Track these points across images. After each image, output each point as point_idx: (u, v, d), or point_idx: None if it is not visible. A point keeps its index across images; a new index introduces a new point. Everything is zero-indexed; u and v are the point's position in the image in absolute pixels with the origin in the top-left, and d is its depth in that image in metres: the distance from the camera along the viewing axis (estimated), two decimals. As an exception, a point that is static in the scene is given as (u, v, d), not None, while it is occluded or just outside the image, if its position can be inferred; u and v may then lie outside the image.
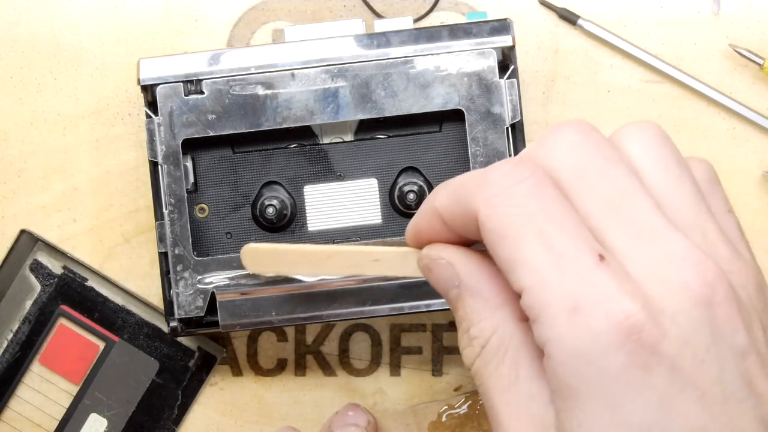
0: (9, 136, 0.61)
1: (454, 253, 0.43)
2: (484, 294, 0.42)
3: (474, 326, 0.42)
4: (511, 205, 0.39)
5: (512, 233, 0.39)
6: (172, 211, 0.55)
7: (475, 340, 0.42)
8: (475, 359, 0.42)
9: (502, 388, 0.41)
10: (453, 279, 0.43)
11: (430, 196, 0.43)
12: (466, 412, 0.58)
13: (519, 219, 0.39)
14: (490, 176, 0.40)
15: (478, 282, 0.42)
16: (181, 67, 0.55)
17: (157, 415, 0.60)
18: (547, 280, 0.38)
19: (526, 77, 0.60)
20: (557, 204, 0.39)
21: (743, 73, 0.60)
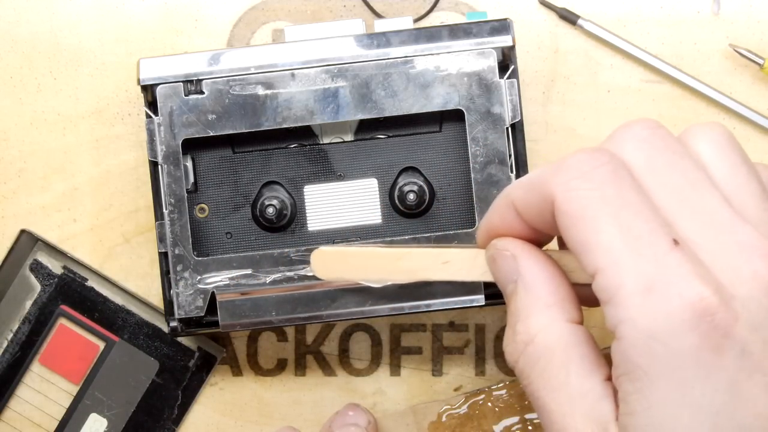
0: (9, 136, 0.61)
1: (519, 246, 0.44)
2: (537, 291, 0.43)
3: (521, 322, 0.43)
4: (588, 188, 0.40)
5: (589, 215, 0.40)
6: (172, 211, 0.55)
7: (519, 336, 0.43)
8: (519, 357, 0.43)
9: (552, 387, 0.41)
10: (513, 272, 0.44)
11: (504, 191, 0.44)
12: (466, 412, 0.58)
13: (596, 202, 0.40)
14: (568, 162, 0.41)
15: (535, 278, 0.43)
16: (181, 67, 0.55)
17: (157, 415, 0.61)
18: (622, 261, 0.39)
19: (526, 77, 0.60)
20: (633, 190, 0.40)
21: (743, 73, 0.60)
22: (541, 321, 0.42)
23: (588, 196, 0.40)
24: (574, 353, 0.42)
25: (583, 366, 0.41)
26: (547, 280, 0.43)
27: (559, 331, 0.42)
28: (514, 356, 0.43)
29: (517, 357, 0.43)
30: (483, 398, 0.58)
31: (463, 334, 0.61)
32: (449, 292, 0.55)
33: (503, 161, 0.54)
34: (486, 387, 0.58)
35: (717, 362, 0.38)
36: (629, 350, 0.39)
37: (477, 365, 0.61)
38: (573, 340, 0.42)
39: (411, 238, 0.55)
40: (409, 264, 0.49)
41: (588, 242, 0.40)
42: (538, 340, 0.42)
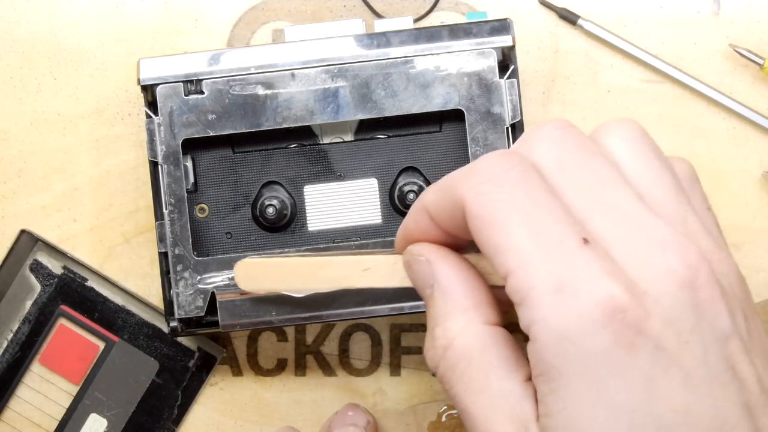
0: (9, 136, 0.61)
1: (433, 251, 0.44)
2: (454, 294, 0.43)
3: (439, 326, 0.42)
4: (498, 191, 0.40)
5: (499, 218, 0.39)
6: (172, 211, 0.55)
7: (438, 341, 0.42)
8: (438, 362, 0.42)
9: (473, 390, 0.41)
10: (429, 277, 0.43)
11: (420, 196, 0.44)
12: (466, 412, 0.58)
13: (506, 205, 0.39)
14: (477, 166, 0.41)
15: (450, 282, 0.43)
16: (181, 67, 0.55)
17: (156, 415, 0.60)
18: (532, 263, 0.38)
19: (526, 77, 0.60)
20: (543, 192, 0.40)
21: (743, 73, 0.60)
22: (459, 324, 0.42)
23: (497, 199, 0.40)
24: (492, 355, 0.41)
25: (501, 367, 0.41)
26: (463, 283, 0.43)
27: (477, 334, 0.42)
28: (434, 361, 0.42)
29: (437, 362, 0.42)
30: (483, 398, 0.58)
31: (463, 334, 0.60)
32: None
33: (503, 161, 0.54)
34: (486, 387, 0.58)
35: (630, 360, 0.37)
36: (543, 351, 0.38)
37: (477, 365, 0.60)
38: (491, 342, 0.42)
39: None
40: (330, 273, 0.48)
41: (499, 245, 0.39)
42: (457, 343, 0.42)
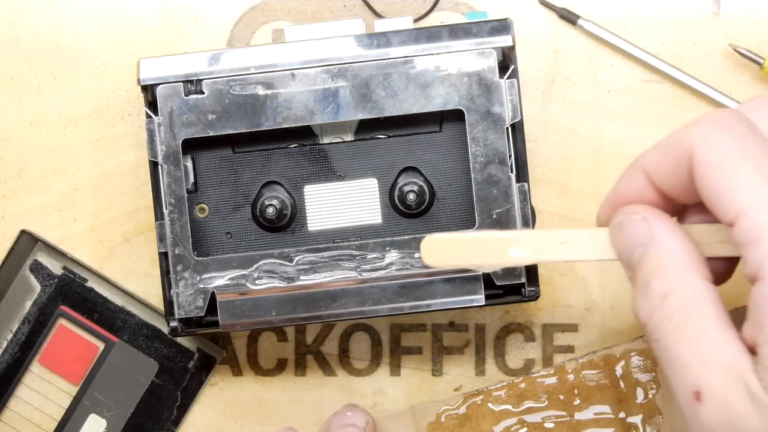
0: (9, 136, 0.61)
1: (650, 210, 0.46)
2: (673, 249, 0.44)
3: (656, 279, 0.44)
4: (729, 138, 0.42)
5: (731, 162, 0.41)
6: (172, 211, 0.55)
7: (654, 292, 0.44)
8: (653, 311, 0.44)
9: (689, 339, 0.43)
10: (645, 235, 0.45)
11: (633, 161, 0.46)
12: (464, 412, 0.58)
13: (737, 150, 0.42)
14: (706, 117, 0.43)
15: (671, 239, 0.45)
16: (181, 67, 0.55)
17: (156, 416, 0.60)
18: (766, 204, 0.40)
19: (526, 77, 0.60)
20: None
21: (743, 73, 0.60)
22: (679, 277, 0.44)
23: (729, 145, 0.42)
24: (710, 308, 0.43)
25: (719, 321, 0.43)
26: (682, 241, 0.44)
27: (697, 287, 0.43)
28: (646, 311, 0.44)
29: (651, 312, 0.44)
30: (482, 399, 0.58)
31: (463, 334, 0.61)
32: (449, 292, 0.55)
33: (503, 161, 0.54)
34: (485, 388, 0.58)
35: None
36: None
37: (477, 365, 0.61)
38: (709, 296, 0.43)
39: (411, 238, 0.55)
40: (525, 247, 0.49)
41: (729, 188, 0.41)
42: (676, 294, 0.43)
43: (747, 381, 0.41)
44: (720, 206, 0.42)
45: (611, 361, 0.58)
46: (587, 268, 0.60)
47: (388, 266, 0.55)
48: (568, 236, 0.48)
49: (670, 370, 0.43)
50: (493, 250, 0.49)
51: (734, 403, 0.41)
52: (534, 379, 0.58)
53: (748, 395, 0.41)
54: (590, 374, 0.58)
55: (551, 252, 0.48)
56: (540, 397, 0.58)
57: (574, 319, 0.60)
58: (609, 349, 0.58)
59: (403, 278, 0.55)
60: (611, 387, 0.58)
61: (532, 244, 0.48)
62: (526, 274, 0.55)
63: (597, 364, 0.58)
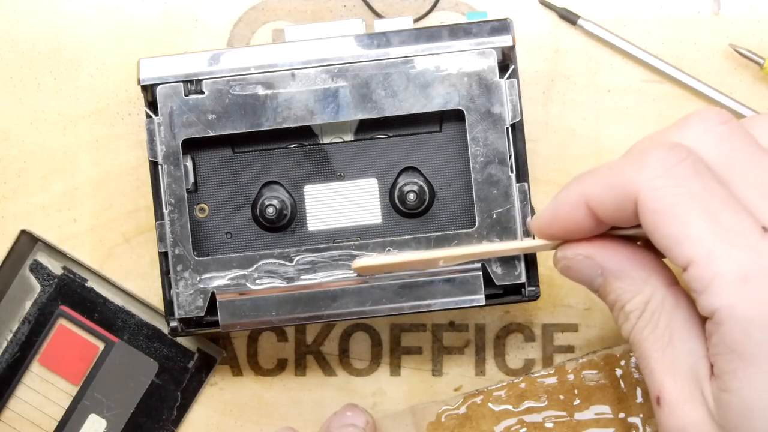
0: (9, 136, 0.61)
1: (590, 247, 0.47)
2: (629, 273, 0.45)
3: (629, 303, 0.45)
4: (674, 185, 0.42)
5: (678, 211, 0.41)
6: (172, 211, 0.55)
7: (632, 313, 0.45)
8: (632, 329, 0.45)
9: (657, 348, 0.44)
10: (595, 269, 0.46)
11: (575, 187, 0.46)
12: (464, 412, 0.58)
13: (683, 198, 0.41)
14: (647, 159, 0.43)
15: (620, 264, 0.46)
16: (181, 67, 0.55)
17: (156, 416, 0.60)
18: (716, 252, 0.41)
19: (526, 77, 0.60)
20: (716, 184, 0.42)
21: (743, 73, 0.60)
22: (646, 295, 0.45)
23: (675, 192, 0.42)
24: (676, 315, 0.44)
25: (684, 328, 0.44)
26: (630, 260, 0.46)
27: (662, 297, 0.45)
28: (628, 330, 0.46)
29: (630, 330, 0.45)
30: (482, 399, 0.58)
31: (463, 334, 0.61)
32: (449, 292, 0.55)
33: (503, 161, 0.54)
34: (485, 388, 0.58)
35: None
36: (726, 335, 0.41)
37: (477, 365, 0.61)
38: (674, 303, 0.44)
39: (411, 238, 0.55)
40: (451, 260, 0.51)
41: (679, 236, 0.41)
42: (647, 309, 0.45)
43: (704, 393, 0.43)
44: (671, 253, 0.42)
45: (611, 361, 0.58)
46: (587, 268, 0.60)
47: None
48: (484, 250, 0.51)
49: (646, 379, 0.45)
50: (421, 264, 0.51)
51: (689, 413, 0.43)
52: (534, 379, 0.58)
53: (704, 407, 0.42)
54: (590, 374, 0.58)
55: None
56: (540, 397, 0.58)
57: (574, 319, 0.60)
58: (609, 349, 0.58)
59: (403, 278, 0.55)
60: (611, 387, 0.58)
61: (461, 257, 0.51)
62: (526, 273, 0.55)
63: (597, 364, 0.58)
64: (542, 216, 0.48)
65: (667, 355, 0.44)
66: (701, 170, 0.42)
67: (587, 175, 0.46)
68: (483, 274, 0.54)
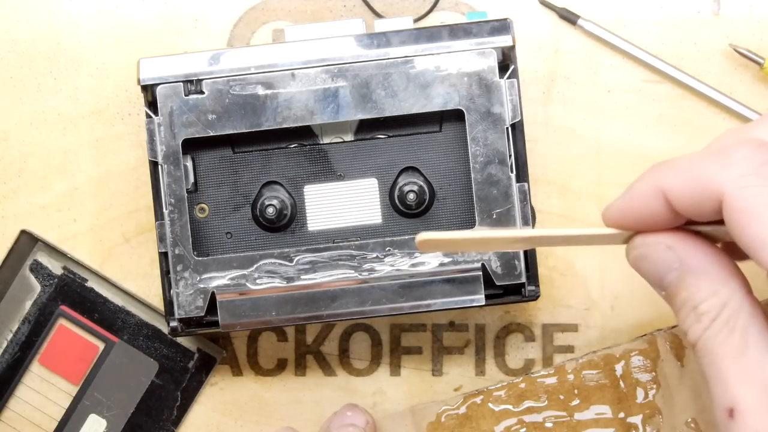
0: (9, 136, 0.61)
1: (671, 237, 0.45)
2: (710, 272, 0.44)
3: (704, 302, 0.44)
4: (763, 184, 0.41)
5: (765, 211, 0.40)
6: (172, 211, 0.55)
7: (706, 315, 0.43)
8: (703, 332, 0.43)
9: (732, 355, 0.42)
10: (672, 262, 0.45)
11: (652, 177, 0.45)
12: (464, 412, 0.58)
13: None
14: (734, 156, 0.42)
15: (702, 261, 0.44)
16: (181, 67, 0.55)
17: (156, 416, 0.60)
18: None
19: (526, 77, 0.60)
20: None
21: (743, 73, 0.60)
22: (724, 297, 0.43)
23: (764, 192, 0.41)
24: (753, 323, 0.43)
25: (762, 337, 0.43)
26: (712, 259, 0.44)
27: (740, 303, 0.43)
28: (698, 333, 0.44)
29: (701, 333, 0.44)
30: (482, 399, 0.58)
31: (463, 334, 0.61)
32: (449, 292, 0.55)
33: (503, 161, 0.54)
34: (485, 388, 0.58)
35: None
36: None
37: (477, 365, 0.61)
38: (753, 311, 0.43)
39: (411, 238, 0.55)
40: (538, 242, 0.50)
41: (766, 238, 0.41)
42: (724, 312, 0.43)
43: None
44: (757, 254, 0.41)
45: (611, 361, 0.58)
46: (587, 268, 0.60)
47: (389, 266, 0.55)
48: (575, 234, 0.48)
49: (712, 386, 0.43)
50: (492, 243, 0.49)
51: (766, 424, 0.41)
52: (534, 379, 0.58)
53: None
54: (590, 374, 0.58)
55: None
56: (540, 397, 0.58)
57: (574, 319, 0.60)
58: (609, 349, 0.58)
59: (403, 278, 0.55)
60: (611, 387, 0.58)
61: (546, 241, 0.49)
62: (526, 274, 0.55)
63: (597, 364, 0.58)
64: (615, 204, 0.47)
65: (743, 363, 0.42)
66: None
67: (666, 166, 0.45)
68: (483, 274, 0.54)
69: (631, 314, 0.60)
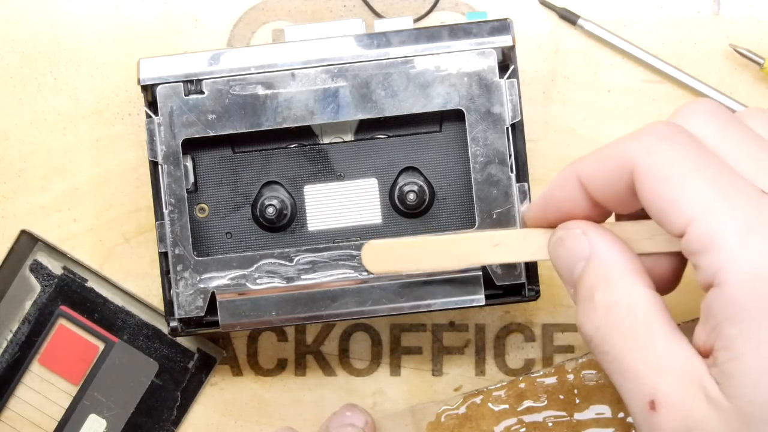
0: (9, 136, 0.61)
1: (587, 224, 0.46)
2: (616, 261, 0.44)
3: (600, 291, 0.44)
4: (671, 149, 0.42)
5: (675, 172, 0.41)
6: (172, 211, 0.55)
7: (601, 303, 0.44)
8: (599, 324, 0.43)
9: (639, 348, 0.42)
10: (584, 249, 0.45)
11: (568, 166, 0.45)
12: (464, 412, 0.58)
13: (681, 160, 0.41)
14: (644, 131, 0.43)
15: (610, 251, 0.44)
16: (181, 67, 0.55)
17: (156, 416, 0.60)
18: (717, 209, 0.40)
19: (526, 77, 0.60)
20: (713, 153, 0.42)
21: (743, 73, 0.60)
22: (623, 286, 0.43)
23: (672, 156, 0.42)
24: (657, 317, 0.43)
25: (667, 329, 0.42)
26: (622, 252, 0.44)
27: (642, 295, 0.43)
28: (593, 324, 0.44)
29: (598, 324, 0.43)
30: (481, 399, 0.58)
31: (463, 334, 0.61)
32: (449, 292, 0.55)
33: (503, 161, 0.54)
34: (484, 388, 0.58)
35: None
36: (732, 293, 0.40)
37: (477, 365, 0.61)
38: (656, 303, 0.43)
39: (411, 238, 0.55)
40: (460, 250, 0.50)
41: (676, 198, 0.41)
42: (622, 303, 0.43)
43: (704, 386, 0.41)
44: (668, 217, 0.41)
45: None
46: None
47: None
48: (500, 239, 0.49)
49: (622, 381, 0.43)
50: (431, 254, 0.50)
51: (692, 410, 0.41)
52: (534, 379, 0.58)
53: (707, 400, 0.41)
54: (590, 374, 0.58)
55: (485, 254, 0.49)
56: (540, 397, 0.58)
57: (574, 319, 0.60)
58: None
59: (403, 278, 0.55)
60: (611, 387, 0.58)
61: (468, 248, 0.49)
62: (526, 273, 0.55)
63: (597, 364, 0.58)
64: (535, 201, 0.48)
65: (654, 354, 0.42)
66: (697, 140, 0.42)
67: (583, 156, 0.45)
68: (483, 274, 0.54)
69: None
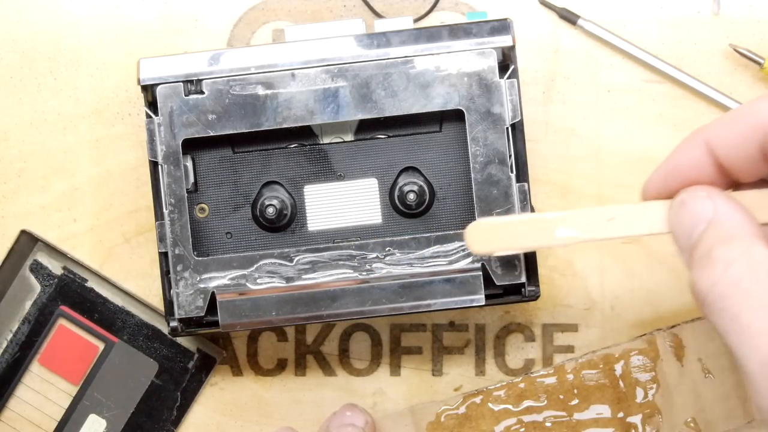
0: (9, 136, 0.61)
1: (712, 189, 0.45)
2: (738, 221, 0.43)
3: (722, 248, 0.42)
4: None
5: None
6: (172, 211, 0.55)
7: (720, 260, 0.42)
8: (716, 280, 0.42)
9: (760, 306, 0.41)
10: (707, 212, 0.44)
11: (694, 132, 0.45)
12: (464, 412, 0.58)
13: None
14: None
15: (733, 212, 0.44)
16: (181, 67, 0.55)
17: (156, 416, 0.60)
18: None
19: (526, 77, 0.60)
20: None
21: (743, 73, 0.60)
22: (745, 244, 0.42)
23: None
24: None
25: None
26: (744, 215, 0.44)
27: (764, 255, 0.42)
28: (710, 280, 0.42)
29: (715, 280, 0.42)
30: (481, 399, 0.58)
31: (463, 334, 0.61)
32: (449, 292, 0.55)
33: (503, 161, 0.54)
34: (484, 388, 0.58)
35: None
36: None
37: (477, 365, 0.61)
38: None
39: (411, 238, 0.55)
40: (570, 227, 0.48)
41: None
42: (742, 260, 0.42)
43: None
44: None
45: (611, 360, 0.58)
46: (587, 267, 0.60)
47: (389, 266, 0.55)
48: (615, 212, 0.47)
49: (739, 339, 0.41)
50: (539, 233, 0.48)
51: None
52: (534, 379, 0.58)
53: None
54: (590, 374, 0.58)
55: (598, 230, 0.48)
56: (540, 397, 0.58)
57: (574, 319, 0.60)
58: (608, 349, 0.58)
59: (403, 278, 0.55)
60: (611, 387, 0.58)
61: (579, 224, 0.48)
62: (526, 273, 0.55)
63: (596, 364, 0.58)
64: (655, 171, 0.46)
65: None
66: None
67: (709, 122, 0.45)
68: (483, 274, 0.54)
69: (631, 314, 0.60)
